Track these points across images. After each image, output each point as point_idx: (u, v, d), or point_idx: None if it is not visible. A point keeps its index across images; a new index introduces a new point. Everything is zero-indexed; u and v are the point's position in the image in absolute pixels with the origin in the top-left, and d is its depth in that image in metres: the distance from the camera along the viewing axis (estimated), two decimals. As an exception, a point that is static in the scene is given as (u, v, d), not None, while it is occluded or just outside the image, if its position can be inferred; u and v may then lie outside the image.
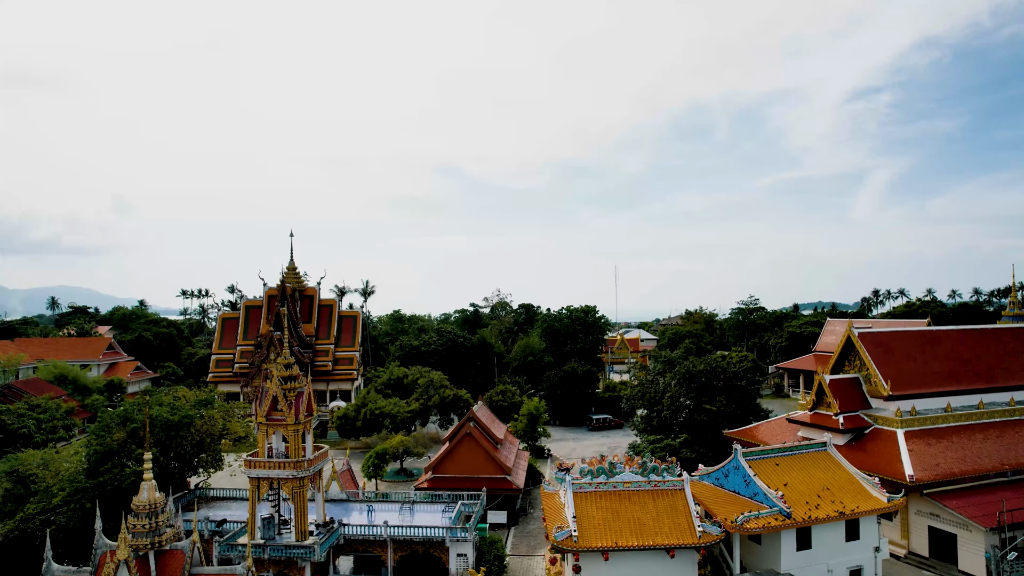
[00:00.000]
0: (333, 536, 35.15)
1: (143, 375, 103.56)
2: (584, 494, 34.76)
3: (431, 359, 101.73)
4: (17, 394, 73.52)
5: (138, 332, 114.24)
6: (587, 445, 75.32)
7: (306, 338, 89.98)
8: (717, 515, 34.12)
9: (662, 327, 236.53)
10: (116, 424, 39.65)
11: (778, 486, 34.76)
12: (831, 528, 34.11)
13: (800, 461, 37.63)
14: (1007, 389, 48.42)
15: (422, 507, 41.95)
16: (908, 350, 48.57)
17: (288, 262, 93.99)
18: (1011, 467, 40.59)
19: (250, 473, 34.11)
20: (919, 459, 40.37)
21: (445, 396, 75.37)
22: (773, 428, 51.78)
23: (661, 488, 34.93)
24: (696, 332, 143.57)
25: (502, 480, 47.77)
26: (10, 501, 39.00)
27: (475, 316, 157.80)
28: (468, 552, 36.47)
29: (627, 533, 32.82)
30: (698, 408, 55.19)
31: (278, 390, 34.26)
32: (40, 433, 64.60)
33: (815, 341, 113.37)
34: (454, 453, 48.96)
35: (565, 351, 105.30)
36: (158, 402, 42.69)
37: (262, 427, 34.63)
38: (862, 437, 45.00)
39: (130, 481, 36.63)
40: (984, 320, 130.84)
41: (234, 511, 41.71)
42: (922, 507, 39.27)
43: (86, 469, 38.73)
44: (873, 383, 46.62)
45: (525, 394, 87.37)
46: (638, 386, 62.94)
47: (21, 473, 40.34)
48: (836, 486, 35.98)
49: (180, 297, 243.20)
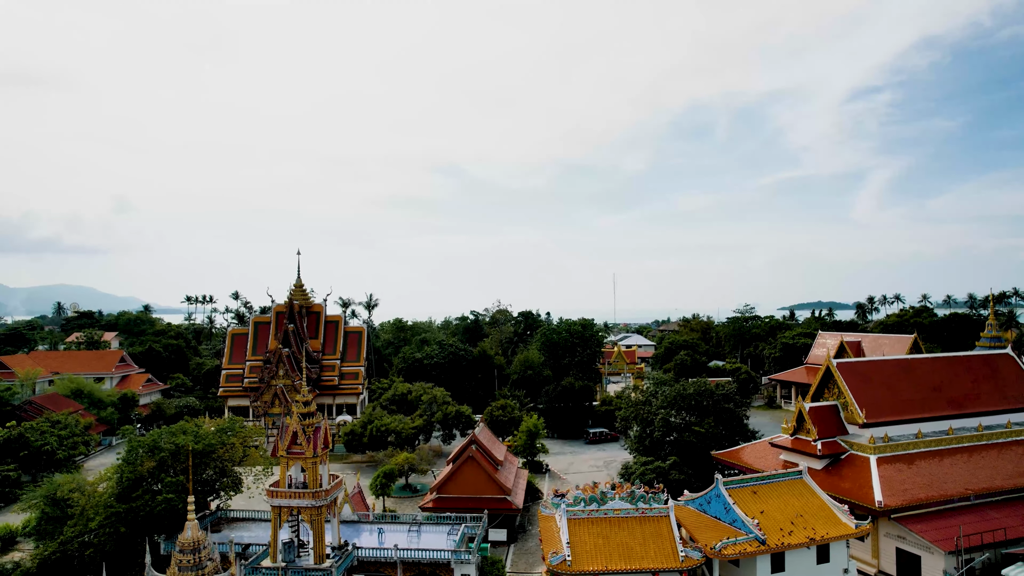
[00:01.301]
0: (348, 559, 38.39)
1: (154, 387, 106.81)
2: (577, 520, 37.93)
3: (433, 371, 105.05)
4: (38, 410, 76.88)
5: (148, 344, 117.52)
6: (584, 459, 78.52)
7: (313, 353, 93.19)
8: (699, 540, 37.28)
9: (660, 332, 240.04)
10: (144, 452, 42.82)
11: (755, 513, 37.93)
12: (803, 553, 37.27)
13: (776, 489, 40.78)
14: (976, 415, 51.60)
15: (428, 528, 45.18)
16: (884, 379, 51.72)
17: (295, 280, 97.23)
18: (974, 491, 43.76)
19: (272, 502, 37.32)
20: (888, 485, 43.53)
21: (448, 412, 78.59)
22: (757, 451, 54.95)
23: (648, 515, 38.12)
24: (692, 341, 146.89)
25: (502, 500, 50.98)
26: (49, 523, 42.27)
27: (475, 325, 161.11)
28: (471, 573, 39.67)
29: (616, 557, 36.01)
30: (687, 430, 58.34)
31: (297, 426, 37.47)
32: (62, 449, 67.96)
33: (807, 353, 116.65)
34: (457, 475, 52.16)
35: (563, 364, 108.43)
36: (182, 430, 45.83)
37: (283, 459, 37.82)
38: (838, 462, 48.18)
39: (161, 508, 39.86)
40: (971, 331, 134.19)
41: (253, 532, 44.95)
42: (890, 530, 42.44)
43: (117, 494, 41.96)
44: (850, 411, 49.81)
45: (524, 408, 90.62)
46: (632, 407, 66.03)
47: (57, 497, 43.61)
48: (809, 513, 39.15)
49: (185, 303, 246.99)
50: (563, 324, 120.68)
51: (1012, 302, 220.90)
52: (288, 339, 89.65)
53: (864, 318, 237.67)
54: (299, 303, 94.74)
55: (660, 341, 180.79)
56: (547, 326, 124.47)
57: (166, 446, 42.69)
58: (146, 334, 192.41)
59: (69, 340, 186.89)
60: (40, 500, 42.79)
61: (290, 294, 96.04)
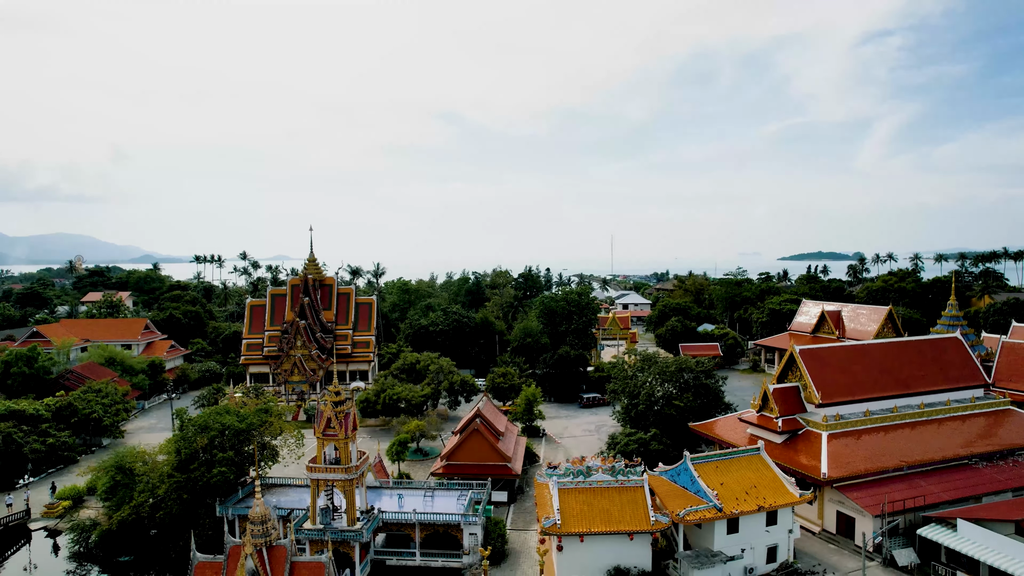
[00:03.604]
0: (374, 521, 45.96)
1: (176, 352, 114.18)
2: (566, 490, 45.25)
3: (439, 338, 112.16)
4: (80, 378, 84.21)
5: (168, 312, 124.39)
6: (578, 423, 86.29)
7: (327, 324, 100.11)
8: (668, 507, 44.66)
9: (657, 292, 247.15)
10: (196, 431, 49.93)
11: (716, 485, 45.25)
12: (754, 517, 44.72)
13: (736, 463, 48.02)
14: (920, 394, 58.64)
15: (440, 493, 52.75)
16: (840, 363, 58.47)
17: (309, 255, 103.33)
18: (908, 463, 51.04)
19: (311, 476, 44.60)
20: (835, 459, 50.80)
21: (454, 381, 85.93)
22: (728, 424, 62.20)
23: (626, 486, 45.40)
24: (685, 305, 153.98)
25: (503, 467, 58.52)
26: (120, 489, 49.78)
27: (477, 287, 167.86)
28: (478, 532, 47.28)
29: (598, 521, 43.47)
30: (669, 404, 65.47)
31: (331, 413, 44.35)
32: (107, 416, 75.49)
33: (791, 320, 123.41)
34: (464, 445, 59.53)
35: (561, 331, 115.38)
36: (226, 410, 52.85)
37: (319, 440, 44.87)
38: (796, 437, 55.41)
39: (216, 479, 47.20)
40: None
41: (290, 496, 52.52)
42: (833, 496, 49.91)
43: (176, 466, 49.29)
44: (808, 391, 56.70)
45: (524, 374, 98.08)
46: (621, 381, 72.99)
47: (123, 465, 51.01)
48: (762, 484, 46.47)
49: (193, 263, 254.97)
50: (561, 293, 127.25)
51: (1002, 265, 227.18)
52: (304, 311, 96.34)
53: (856, 276, 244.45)
54: (313, 277, 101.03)
55: (655, 303, 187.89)
56: (545, 296, 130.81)
57: (215, 426, 49.75)
58: (157, 292, 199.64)
59: (86, 300, 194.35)
60: (112, 468, 50.14)
61: (304, 268, 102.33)
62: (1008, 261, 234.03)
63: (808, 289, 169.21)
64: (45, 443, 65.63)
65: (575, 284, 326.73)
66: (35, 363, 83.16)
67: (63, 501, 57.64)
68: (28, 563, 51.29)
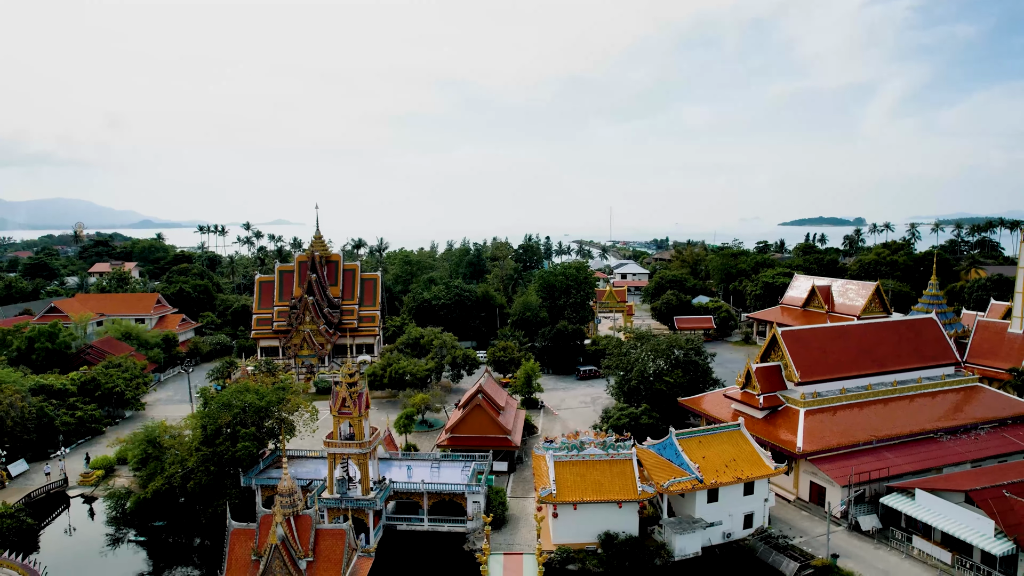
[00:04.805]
0: (386, 491, 50.38)
1: (188, 326, 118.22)
2: (561, 463, 49.57)
3: (441, 311, 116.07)
4: (100, 353, 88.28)
5: (178, 286, 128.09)
6: (574, 395, 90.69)
7: (334, 300, 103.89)
8: (654, 478, 48.97)
9: (655, 262, 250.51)
10: (221, 408, 54.05)
11: (698, 459, 49.50)
12: (733, 488, 49.06)
13: (718, 438, 52.24)
14: (894, 372, 62.65)
15: (446, 464, 57.16)
16: (819, 344, 62.30)
17: (315, 232, 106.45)
18: (877, 437, 55.26)
19: (328, 450, 48.85)
20: (810, 434, 55.01)
21: (456, 356, 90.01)
22: (714, 400, 66.38)
23: (616, 459, 49.72)
24: (681, 277, 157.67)
25: (504, 439, 62.87)
26: (150, 460, 54.15)
27: (477, 259, 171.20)
28: (480, 499, 51.74)
29: (590, 491, 47.86)
30: (659, 379, 69.56)
31: (346, 393, 48.31)
32: (129, 389, 79.76)
33: (784, 293, 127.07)
34: (467, 418, 63.77)
35: (559, 304, 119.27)
36: (245, 388, 56.90)
37: (335, 418, 48.93)
38: (776, 413, 59.58)
39: (241, 452, 51.50)
40: (941, 269, 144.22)
41: (307, 467, 56.92)
42: (807, 468, 54.24)
43: (202, 440, 53.54)
44: (789, 370, 60.64)
45: (523, 347, 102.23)
46: (615, 357, 77.00)
47: (153, 438, 55.33)
48: (741, 458, 50.73)
49: (193, 230, 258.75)
50: (560, 266, 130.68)
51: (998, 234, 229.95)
52: (312, 288, 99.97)
53: (852, 246, 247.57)
54: (319, 254, 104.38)
55: (652, 274, 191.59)
56: (544, 271, 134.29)
57: (237, 404, 53.84)
58: (161, 262, 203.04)
59: (93, 271, 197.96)
60: (143, 441, 54.46)
61: (311, 245, 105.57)
62: (1004, 230, 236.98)
63: (803, 261, 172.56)
64: (74, 416, 69.97)
65: (575, 252, 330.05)
66: (56, 339, 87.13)
67: (96, 471, 62.18)
68: (68, 526, 56.04)
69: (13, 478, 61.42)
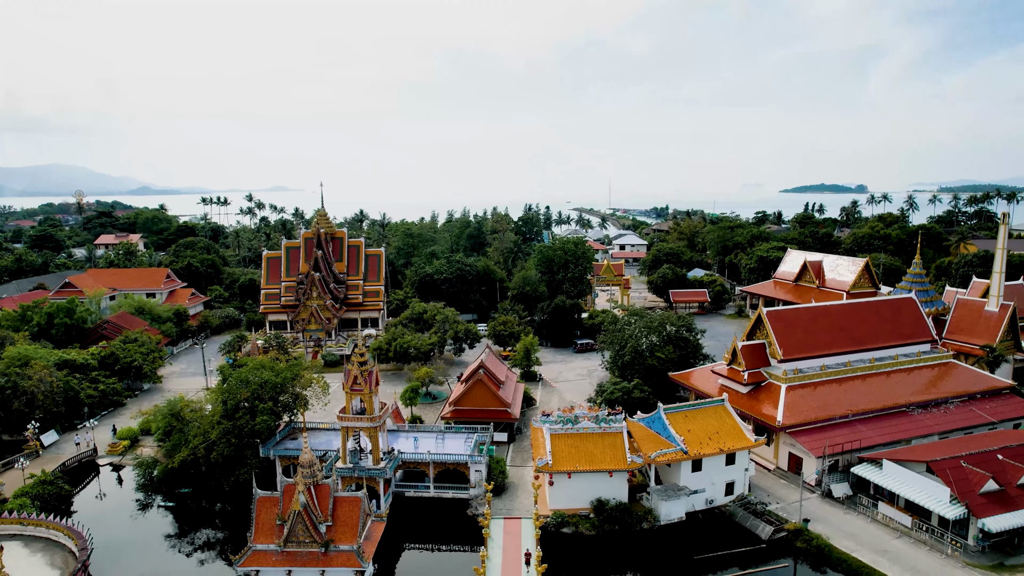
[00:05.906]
0: (395, 461, 54.47)
1: (197, 300, 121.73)
2: (557, 435, 53.56)
3: (443, 285, 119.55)
4: (116, 328, 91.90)
5: (187, 261, 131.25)
6: (572, 368, 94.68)
7: (339, 275, 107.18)
8: (642, 450, 53.00)
9: (653, 233, 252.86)
10: (239, 384, 57.85)
11: (683, 432, 53.43)
12: (715, 458, 53.09)
13: (703, 413, 56.13)
14: (872, 350, 66.28)
15: (450, 436, 61.24)
16: (802, 323, 65.79)
17: (320, 208, 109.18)
18: (852, 412, 59.16)
19: (341, 424, 52.73)
20: (790, 408, 58.89)
21: (458, 330, 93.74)
22: (702, 375, 70.18)
23: (608, 431, 53.68)
24: (678, 250, 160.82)
25: (504, 412, 66.89)
26: (174, 432, 58.21)
27: (478, 231, 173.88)
28: (482, 468, 55.87)
29: (584, 461, 51.92)
30: (652, 354, 73.28)
31: (357, 371, 51.97)
32: (146, 363, 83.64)
33: (777, 267, 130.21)
34: (469, 392, 67.69)
35: (558, 279, 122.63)
36: (261, 365, 60.65)
37: (347, 394, 52.70)
38: (759, 388, 63.39)
39: (260, 426, 55.48)
40: (932, 243, 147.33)
41: (320, 438, 61.01)
42: (786, 440, 58.29)
43: (223, 414, 57.47)
44: (773, 348, 64.25)
45: (523, 321, 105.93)
46: (611, 333, 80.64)
47: (176, 412, 59.30)
48: (724, 431, 54.67)
49: (192, 196, 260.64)
50: (558, 241, 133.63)
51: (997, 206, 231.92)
52: (318, 264, 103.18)
53: (849, 217, 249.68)
54: (325, 230, 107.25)
55: (650, 246, 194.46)
56: (543, 245, 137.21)
57: (255, 381, 57.64)
58: (165, 233, 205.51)
59: (99, 243, 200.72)
60: (166, 414, 58.45)
61: (316, 222, 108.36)
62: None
63: (798, 234, 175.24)
64: (97, 389, 73.94)
65: (574, 221, 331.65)
66: (74, 314, 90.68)
67: (123, 440, 66.39)
68: (99, 492, 60.42)
69: (46, 447, 65.70)
